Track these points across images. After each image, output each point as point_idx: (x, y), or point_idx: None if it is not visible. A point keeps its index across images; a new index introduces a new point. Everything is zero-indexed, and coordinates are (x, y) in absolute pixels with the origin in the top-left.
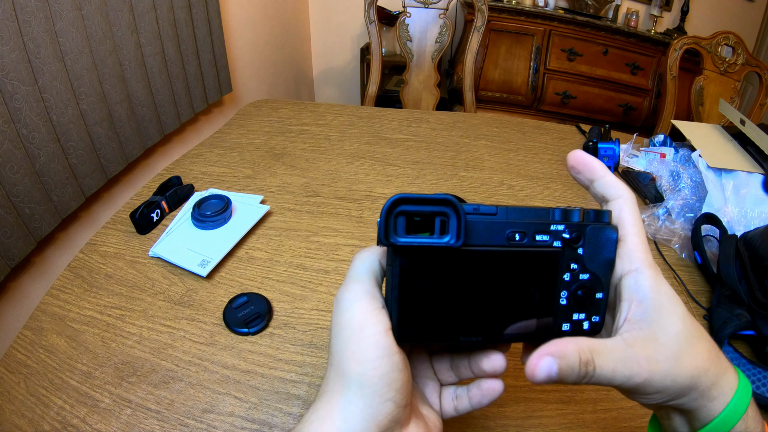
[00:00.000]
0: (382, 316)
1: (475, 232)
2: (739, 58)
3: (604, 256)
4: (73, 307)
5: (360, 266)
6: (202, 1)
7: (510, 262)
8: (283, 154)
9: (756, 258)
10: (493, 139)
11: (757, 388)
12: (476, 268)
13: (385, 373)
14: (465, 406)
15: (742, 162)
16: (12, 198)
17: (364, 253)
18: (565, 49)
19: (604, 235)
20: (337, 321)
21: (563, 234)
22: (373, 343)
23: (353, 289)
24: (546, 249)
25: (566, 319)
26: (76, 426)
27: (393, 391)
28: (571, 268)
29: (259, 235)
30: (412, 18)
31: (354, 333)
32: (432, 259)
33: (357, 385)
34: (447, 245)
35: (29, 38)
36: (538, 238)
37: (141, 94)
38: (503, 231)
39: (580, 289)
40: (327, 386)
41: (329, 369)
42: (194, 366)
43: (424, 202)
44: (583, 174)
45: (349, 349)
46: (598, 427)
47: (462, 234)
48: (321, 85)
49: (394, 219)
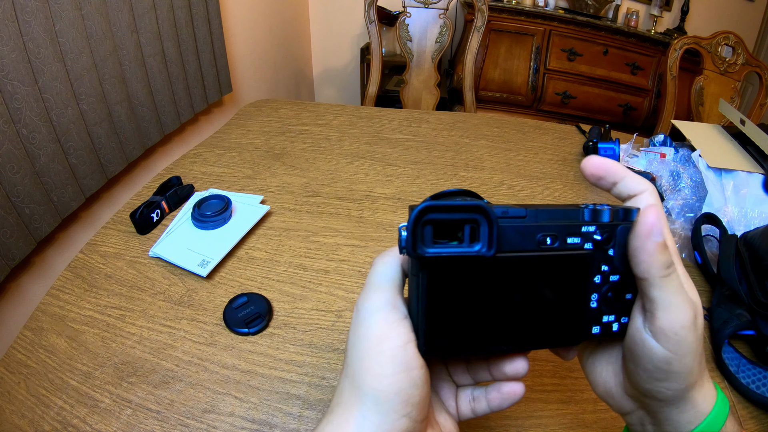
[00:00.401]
0: (402, 329)
1: (504, 237)
2: (739, 58)
3: None
4: (73, 307)
5: (381, 273)
6: (202, 1)
7: (540, 267)
8: (283, 154)
9: (756, 258)
10: (493, 139)
11: (758, 388)
12: (506, 276)
13: (402, 389)
14: (483, 408)
15: (742, 162)
16: (12, 198)
17: (385, 257)
18: (565, 49)
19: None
20: (355, 331)
21: (594, 236)
22: (391, 357)
23: (373, 298)
24: (577, 252)
25: (596, 321)
26: (77, 426)
27: (409, 407)
28: (601, 270)
29: (259, 235)
30: (412, 18)
31: (372, 346)
32: (460, 268)
33: (373, 400)
34: (479, 254)
35: (29, 38)
36: (570, 240)
37: (141, 94)
38: (534, 235)
39: (610, 290)
40: (341, 398)
41: (344, 379)
42: (194, 366)
43: (455, 209)
44: (605, 179)
45: (365, 362)
46: (598, 428)
47: (494, 243)
48: (321, 85)
49: (421, 227)
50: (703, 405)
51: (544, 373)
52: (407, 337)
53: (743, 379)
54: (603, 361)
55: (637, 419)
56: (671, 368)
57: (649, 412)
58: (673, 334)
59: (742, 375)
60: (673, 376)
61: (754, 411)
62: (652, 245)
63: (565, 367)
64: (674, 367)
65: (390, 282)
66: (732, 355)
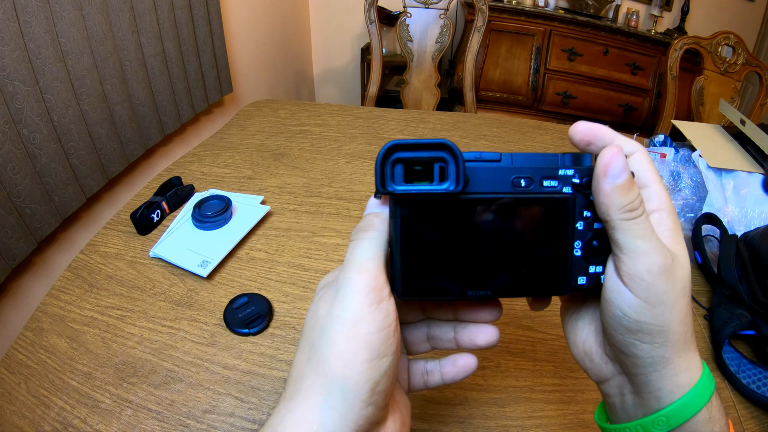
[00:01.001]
0: (378, 314)
1: (478, 179)
2: (740, 58)
3: None
4: (74, 307)
5: (365, 250)
6: (202, 2)
7: (517, 210)
8: (284, 154)
9: (756, 258)
10: (493, 140)
11: (758, 388)
12: (481, 218)
13: (372, 377)
14: (436, 380)
15: (742, 162)
16: (13, 198)
17: (369, 233)
18: (566, 49)
19: None
20: (329, 311)
21: (573, 179)
22: (365, 344)
23: (354, 278)
24: (555, 195)
25: (582, 272)
26: (77, 427)
27: (376, 395)
28: (584, 216)
29: (260, 236)
30: (413, 18)
31: (346, 330)
32: (434, 208)
33: (340, 388)
34: (446, 191)
35: (30, 39)
36: (546, 183)
37: (142, 94)
38: (508, 177)
39: (596, 239)
40: (302, 383)
41: (305, 364)
42: (195, 366)
43: (420, 147)
44: (595, 143)
45: (336, 346)
46: (598, 428)
47: (461, 179)
48: (321, 86)
49: (391, 167)
50: (686, 376)
51: (544, 373)
52: (383, 323)
53: (744, 379)
54: (586, 319)
55: (616, 386)
56: (642, 318)
57: (630, 375)
58: (640, 279)
59: (742, 375)
60: (646, 327)
61: (755, 411)
62: (608, 186)
63: (565, 368)
64: (645, 316)
65: (373, 261)
66: (732, 355)
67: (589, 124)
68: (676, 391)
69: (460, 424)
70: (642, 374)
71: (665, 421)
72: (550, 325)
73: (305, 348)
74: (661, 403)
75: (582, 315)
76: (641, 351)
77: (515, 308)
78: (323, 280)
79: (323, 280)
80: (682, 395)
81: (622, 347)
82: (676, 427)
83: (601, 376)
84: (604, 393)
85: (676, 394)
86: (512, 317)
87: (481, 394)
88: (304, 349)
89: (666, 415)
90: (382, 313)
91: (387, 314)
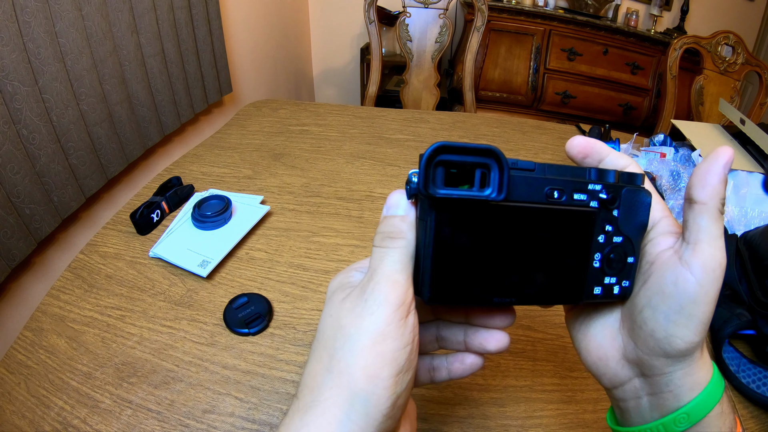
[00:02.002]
0: (405, 329)
1: (513, 187)
2: (739, 58)
3: (638, 219)
4: (74, 307)
5: (397, 261)
6: (202, 2)
7: (546, 220)
8: (283, 154)
9: (756, 257)
10: (493, 139)
11: (758, 388)
12: (513, 226)
13: (395, 392)
14: (443, 376)
15: (742, 161)
16: (12, 199)
17: (398, 241)
18: (565, 49)
19: (638, 198)
20: (353, 321)
21: (600, 194)
22: (391, 360)
23: (385, 292)
24: (583, 208)
25: (598, 282)
26: (77, 427)
27: (396, 409)
28: (605, 230)
29: (260, 236)
30: (412, 18)
31: (373, 344)
32: (469, 213)
33: (363, 402)
34: (488, 199)
35: (29, 39)
36: (576, 197)
37: (141, 94)
38: (542, 187)
39: (613, 252)
40: (320, 395)
41: (324, 374)
42: (195, 366)
43: (467, 151)
44: (591, 157)
45: (362, 360)
46: (598, 427)
47: (504, 188)
48: (321, 85)
49: (433, 169)
50: (704, 373)
51: (544, 373)
52: (408, 338)
53: (743, 379)
54: (599, 324)
55: (632, 390)
56: (695, 310)
57: (650, 376)
58: (711, 270)
59: (742, 375)
60: (693, 321)
61: (755, 410)
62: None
63: (565, 368)
64: (698, 309)
65: (404, 273)
66: (732, 355)
67: (585, 139)
68: (695, 387)
69: (460, 424)
70: (666, 373)
71: (686, 418)
72: (550, 325)
73: (323, 356)
74: (681, 401)
75: (593, 322)
76: (677, 347)
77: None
78: (336, 281)
79: (336, 281)
80: (700, 392)
81: (659, 343)
82: (696, 422)
83: (616, 380)
84: (617, 398)
85: (695, 391)
86: None
87: (481, 394)
88: (321, 358)
89: (687, 412)
90: (408, 327)
91: (412, 329)
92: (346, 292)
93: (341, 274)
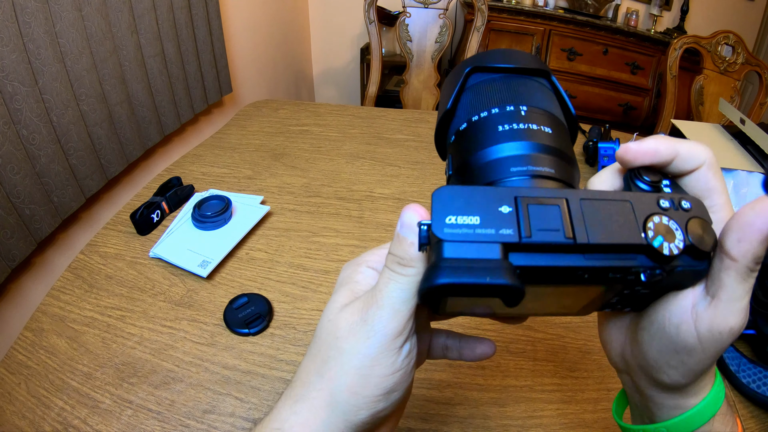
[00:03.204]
0: (397, 357)
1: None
2: (739, 58)
3: None
4: (74, 308)
5: (404, 290)
6: (201, 2)
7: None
8: (283, 154)
9: None
10: None
11: (758, 387)
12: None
13: (375, 408)
14: (455, 356)
15: (742, 161)
16: (12, 199)
17: (408, 270)
18: (565, 49)
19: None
20: (347, 338)
21: (641, 275)
22: (376, 384)
23: (386, 320)
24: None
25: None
26: (77, 427)
27: (376, 419)
28: None
29: (260, 236)
30: (412, 18)
31: (361, 367)
32: None
33: (342, 411)
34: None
35: (29, 39)
36: (611, 275)
37: (141, 94)
38: (576, 265)
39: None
40: (309, 392)
41: (314, 374)
42: (195, 367)
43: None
44: (677, 159)
45: (348, 379)
46: (598, 427)
47: (517, 285)
48: (321, 86)
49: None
50: (691, 399)
51: (544, 373)
52: (400, 365)
53: (743, 379)
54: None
55: (628, 385)
56: (689, 360)
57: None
58: (718, 333)
59: (742, 374)
60: (685, 367)
61: (755, 410)
62: (764, 231)
63: (565, 367)
64: (692, 361)
65: (408, 303)
66: (732, 355)
67: (639, 144)
68: (678, 408)
69: (460, 424)
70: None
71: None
72: (550, 324)
73: (316, 357)
74: (662, 417)
75: (614, 325)
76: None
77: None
78: (348, 273)
79: (348, 273)
80: (684, 411)
81: (651, 364)
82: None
83: (619, 366)
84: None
85: (679, 410)
86: None
87: (481, 394)
88: (315, 358)
89: (667, 427)
90: (402, 355)
91: (406, 355)
92: (348, 297)
93: (355, 265)
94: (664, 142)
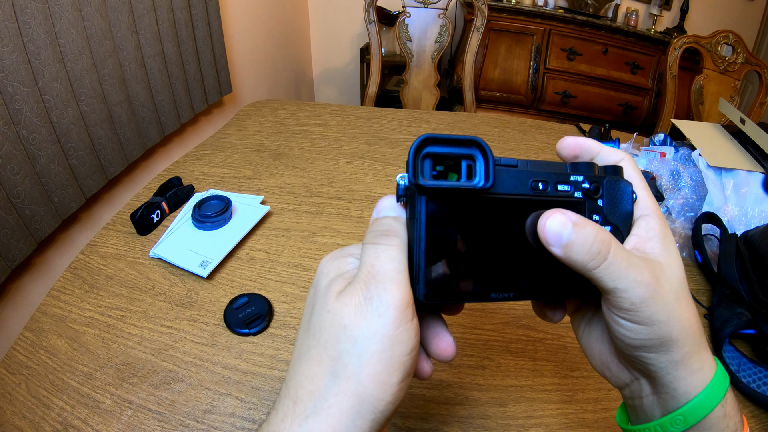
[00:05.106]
0: (411, 332)
1: (500, 181)
2: (739, 57)
3: (623, 208)
4: (74, 308)
5: (395, 259)
6: (201, 2)
7: (536, 211)
8: (283, 154)
9: (756, 257)
10: (493, 139)
11: (758, 387)
12: (502, 219)
13: (400, 398)
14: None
15: (742, 161)
16: (12, 199)
17: (392, 239)
18: (565, 49)
19: (620, 187)
20: (357, 322)
21: (583, 184)
22: (399, 365)
23: (391, 292)
24: (569, 198)
25: None
26: (77, 427)
27: (395, 411)
28: (593, 219)
29: (260, 236)
30: (412, 18)
31: (382, 350)
32: (459, 208)
33: (371, 408)
34: (476, 187)
35: (29, 39)
36: (560, 188)
37: (141, 95)
38: (526, 180)
39: None
40: (325, 401)
41: (328, 378)
42: (195, 367)
43: (452, 143)
44: (582, 156)
45: (371, 367)
46: (599, 427)
47: (491, 175)
48: (321, 86)
49: (420, 161)
50: (699, 376)
51: (544, 373)
52: (414, 342)
53: (744, 378)
54: (597, 332)
55: (637, 390)
56: (641, 336)
57: (647, 378)
58: (626, 310)
59: (742, 374)
60: (647, 342)
61: (755, 410)
62: (558, 252)
63: (565, 367)
64: (643, 334)
65: (404, 273)
66: (733, 354)
67: (575, 138)
68: (691, 390)
69: (460, 424)
70: (657, 377)
71: (683, 420)
72: (550, 324)
73: (322, 358)
74: (678, 402)
75: (593, 328)
76: (650, 360)
77: (516, 308)
78: (332, 265)
79: (332, 265)
80: (696, 394)
81: (631, 360)
82: (693, 425)
83: (620, 382)
84: (625, 396)
85: (691, 394)
86: (512, 317)
87: (481, 393)
88: (321, 359)
89: (683, 414)
90: (414, 331)
91: (417, 332)
92: (341, 284)
93: (336, 258)
94: (591, 140)
